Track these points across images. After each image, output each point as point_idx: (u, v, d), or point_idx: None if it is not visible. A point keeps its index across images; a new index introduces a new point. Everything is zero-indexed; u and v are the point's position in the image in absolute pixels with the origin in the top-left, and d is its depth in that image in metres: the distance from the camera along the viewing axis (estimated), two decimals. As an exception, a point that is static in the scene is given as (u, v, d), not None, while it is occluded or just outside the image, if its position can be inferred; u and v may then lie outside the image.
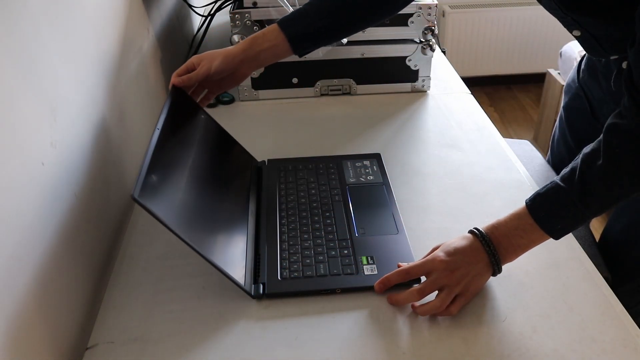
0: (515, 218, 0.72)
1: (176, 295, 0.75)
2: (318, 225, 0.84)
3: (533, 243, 0.71)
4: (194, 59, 0.87)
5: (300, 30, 0.86)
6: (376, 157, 1.00)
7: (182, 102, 0.84)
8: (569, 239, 0.82)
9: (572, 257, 0.79)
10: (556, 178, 0.71)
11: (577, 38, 0.86)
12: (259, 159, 1.00)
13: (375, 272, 0.76)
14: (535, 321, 0.70)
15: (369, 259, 0.78)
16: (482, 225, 0.74)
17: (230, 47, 0.87)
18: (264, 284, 0.74)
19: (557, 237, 0.71)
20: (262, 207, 0.88)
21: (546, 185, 0.71)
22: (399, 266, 0.75)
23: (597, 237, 1.10)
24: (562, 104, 1.17)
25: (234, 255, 0.76)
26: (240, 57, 0.85)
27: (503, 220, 0.73)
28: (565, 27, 0.85)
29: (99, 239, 0.82)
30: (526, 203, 0.72)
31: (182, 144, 0.79)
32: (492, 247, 0.71)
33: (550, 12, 0.85)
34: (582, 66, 1.06)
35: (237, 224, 0.82)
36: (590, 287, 0.74)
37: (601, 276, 0.76)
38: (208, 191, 0.79)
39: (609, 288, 0.74)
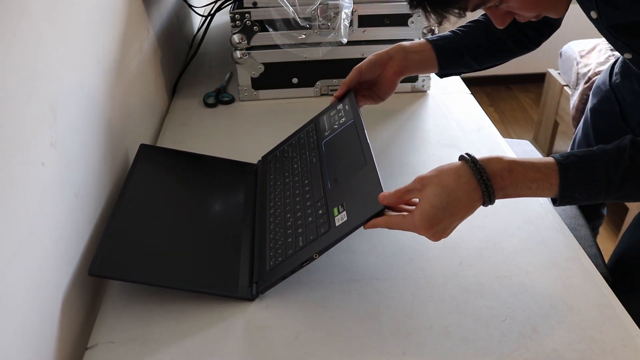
0: (536, 170, 0.65)
1: (176, 295, 0.75)
2: (298, 198, 0.80)
3: (534, 196, 0.67)
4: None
5: (446, 44, 0.94)
6: (348, 95, 0.92)
7: (151, 157, 0.89)
8: (569, 239, 0.83)
9: (572, 257, 0.79)
10: (595, 148, 0.67)
11: (629, 60, 0.86)
12: (259, 159, 0.99)
13: (345, 219, 0.70)
14: (535, 321, 0.70)
15: (340, 208, 0.72)
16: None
17: (381, 53, 0.94)
18: (257, 283, 0.74)
19: (560, 204, 0.67)
20: (257, 207, 0.88)
21: (582, 150, 0.67)
22: (380, 201, 0.68)
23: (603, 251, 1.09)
24: (588, 106, 1.17)
25: (226, 268, 0.76)
26: (388, 52, 0.92)
27: (522, 166, 0.65)
28: (616, 49, 0.86)
29: (99, 239, 0.82)
30: (557, 159, 0.66)
31: (155, 194, 0.84)
32: (492, 196, 0.65)
33: (603, 35, 0.86)
34: (616, 69, 1.06)
35: (229, 236, 0.82)
36: (590, 287, 0.74)
37: (601, 276, 0.76)
38: (191, 223, 0.82)
39: (609, 288, 0.75)
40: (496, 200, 0.66)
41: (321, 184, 0.79)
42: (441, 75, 0.99)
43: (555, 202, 0.68)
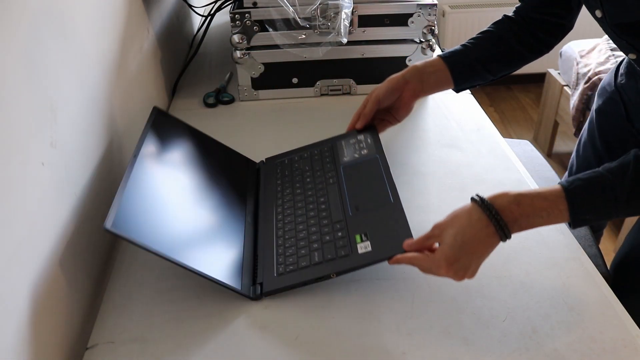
0: (543, 199, 0.67)
1: (176, 295, 0.75)
2: (313, 212, 0.81)
3: (548, 224, 0.68)
4: (368, 96, 0.94)
5: (459, 59, 0.94)
6: (370, 129, 0.94)
7: (164, 123, 0.86)
8: (569, 239, 0.83)
9: (572, 257, 0.79)
10: (600, 168, 0.68)
11: (633, 61, 0.86)
12: (259, 159, 0.99)
13: (369, 249, 0.73)
14: (535, 321, 0.70)
15: (363, 236, 0.74)
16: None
17: (397, 77, 0.93)
18: (261, 284, 0.74)
19: (575, 227, 0.68)
20: (260, 207, 0.88)
21: (587, 173, 0.68)
22: (404, 247, 0.71)
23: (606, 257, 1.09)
24: (594, 107, 1.17)
25: (229, 261, 0.76)
26: (404, 76, 0.92)
27: (529, 197, 0.67)
28: (621, 50, 0.86)
29: (98, 238, 0.82)
30: (563, 185, 0.67)
31: (167, 164, 0.81)
32: (505, 229, 0.66)
33: (608, 35, 0.86)
34: (621, 70, 1.07)
35: (233, 230, 0.82)
36: (590, 287, 0.74)
37: (601, 276, 0.76)
38: (199, 205, 0.80)
39: (609, 288, 0.75)
40: (522, 209, 0.67)
41: (341, 207, 0.81)
42: (457, 90, 0.98)
43: (570, 225, 0.69)
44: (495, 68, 0.97)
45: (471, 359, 0.65)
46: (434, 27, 1.18)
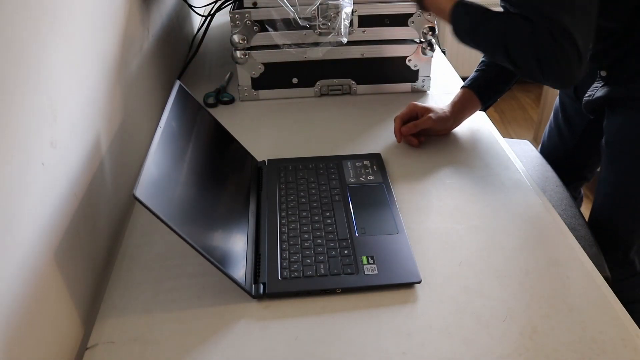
0: None
1: (176, 295, 0.75)
2: (318, 225, 0.84)
3: None
4: (413, 107, 1.07)
5: (480, 83, 1.11)
6: (376, 157, 1.00)
7: (185, 101, 0.85)
8: (569, 239, 0.83)
9: (572, 257, 0.79)
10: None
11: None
12: (259, 159, 1.00)
13: (376, 272, 0.76)
14: (535, 321, 0.70)
15: (369, 259, 0.78)
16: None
17: (446, 110, 1.07)
18: (264, 284, 0.75)
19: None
20: (263, 207, 0.89)
21: None
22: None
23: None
24: None
25: (234, 254, 0.76)
26: (452, 120, 1.08)
27: None
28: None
29: (99, 239, 0.82)
30: None
31: (183, 142, 0.80)
32: None
33: None
34: None
35: (238, 223, 0.82)
36: (590, 287, 0.74)
37: (601, 276, 0.76)
38: (209, 190, 0.79)
39: (609, 288, 0.75)
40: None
41: (347, 226, 0.84)
42: (484, 109, 1.11)
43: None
44: (510, 79, 1.11)
45: (471, 359, 0.65)
46: (434, 27, 1.18)
